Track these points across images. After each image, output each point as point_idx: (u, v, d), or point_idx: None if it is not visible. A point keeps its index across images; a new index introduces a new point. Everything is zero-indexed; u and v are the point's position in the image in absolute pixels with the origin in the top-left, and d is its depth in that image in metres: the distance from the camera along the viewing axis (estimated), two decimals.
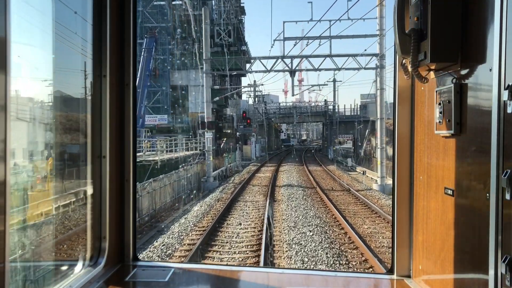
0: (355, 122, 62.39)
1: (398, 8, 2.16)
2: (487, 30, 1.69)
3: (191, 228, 14.47)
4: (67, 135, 3.43)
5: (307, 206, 17.86)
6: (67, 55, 2.99)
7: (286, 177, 30.25)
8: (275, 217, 15.85)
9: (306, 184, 26.46)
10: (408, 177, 2.49)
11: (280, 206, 18.25)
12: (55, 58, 2.94)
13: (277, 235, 13.35)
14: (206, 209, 18.01)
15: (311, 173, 33.06)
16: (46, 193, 6.70)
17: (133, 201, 2.74)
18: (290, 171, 34.75)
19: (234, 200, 19.65)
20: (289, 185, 25.32)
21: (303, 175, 31.59)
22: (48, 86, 4.18)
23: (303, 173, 33.70)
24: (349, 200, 20.30)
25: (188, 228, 14.47)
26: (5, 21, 1.45)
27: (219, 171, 32.95)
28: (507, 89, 1.47)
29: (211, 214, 16.85)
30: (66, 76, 3.10)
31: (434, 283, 2.22)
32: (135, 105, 2.77)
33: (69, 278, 2.36)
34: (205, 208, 18.23)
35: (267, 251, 11.27)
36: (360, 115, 65.53)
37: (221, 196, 21.72)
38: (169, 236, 13.50)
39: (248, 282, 2.72)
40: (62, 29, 2.71)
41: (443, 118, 2.01)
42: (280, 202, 19.29)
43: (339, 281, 2.70)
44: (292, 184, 26.05)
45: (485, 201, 1.63)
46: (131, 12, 2.67)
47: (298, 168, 37.82)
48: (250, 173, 33.60)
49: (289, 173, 32.91)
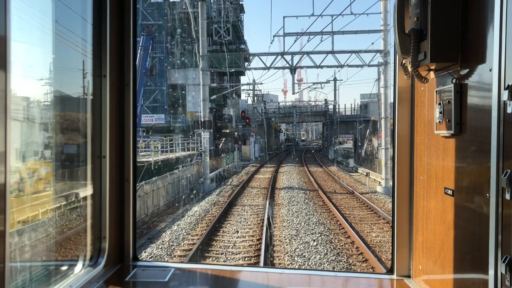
0: (355, 122, 61.51)
1: (398, 8, 2.17)
2: (487, 30, 1.70)
3: (183, 236, 13.20)
4: (67, 135, 3.47)
5: (309, 211, 16.75)
6: (67, 55, 3.04)
7: (286, 178, 29.11)
8: (275, 224, 14.68)
9: (307, 186, 25.31)
10: (408, 177, 2.51)
11: (280, 211, 17.12)
12: (55, 58, 3.00)
13: (277, 244, 12.11)
14: (202, 214, 16.88)
15: (312, 174, 31.93)
16: (46, 193, 6.75)
17: (133, 201, 2.76)
18: (290, 172, 33.62)
19: (231, 204, 18.56)
20: (290, 188, 24.17)
21: (304, 177, 30.44)
22: (48, 86, 4.18)
23: (303, 174, 32.56)
24: (353, 204, 19.16)
25: (180, 236, 13.20)
26: (5, 21, 1.47)
27: (216, 172, 31.72)
28: (507, 89, 1.48)
29: (206, 220, 15.71)
30: (66, 76, 3.15)
31: (434, 283, 2.23)
32: (135, 105, 2.78)
33: (69, 278, 2.38)
34: (200, 212, 17.10)
35: (266, 265, 10.39)
36: (361, 114, 64.63)
37: (218, 199, 20.60)
38: (158, 246, 12.22)
39: (248, 282, 2.72)
40: (62, 29, 2.75)
41: (443, 118, 2.03)
42: (280, 207, 18.18)
43: (339, 281, 2.71)
44: (292, 186, 24.89)
45: (485, 201, 1.65)
46: (131, 12, 2.68)
47: (299, 169, 36.67)
48: (249, 174, 32.46)
49: (289, 175, 31.75)
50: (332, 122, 64.75)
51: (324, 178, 30.15)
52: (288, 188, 23.97)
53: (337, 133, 62.98)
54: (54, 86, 3.73)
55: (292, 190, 23.12)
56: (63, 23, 2.75)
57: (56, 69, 3.24)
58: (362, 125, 55.28)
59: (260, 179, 29.20)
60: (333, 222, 15.13)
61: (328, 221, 15.27)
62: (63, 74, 3.11)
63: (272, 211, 17.17)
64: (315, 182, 26.26)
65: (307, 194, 21.74)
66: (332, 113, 66.13)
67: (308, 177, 29.96)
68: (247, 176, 30.85)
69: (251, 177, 30.33)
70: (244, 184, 26.12)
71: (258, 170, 36.76)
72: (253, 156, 52.25)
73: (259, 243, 12.00)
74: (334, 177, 30.49)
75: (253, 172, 34.39)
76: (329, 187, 24.90)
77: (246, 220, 15.49)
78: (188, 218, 16.32)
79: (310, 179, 28.74)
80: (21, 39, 3.30)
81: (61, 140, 3.79)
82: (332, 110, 66.11)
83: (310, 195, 21.77)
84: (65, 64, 3.08)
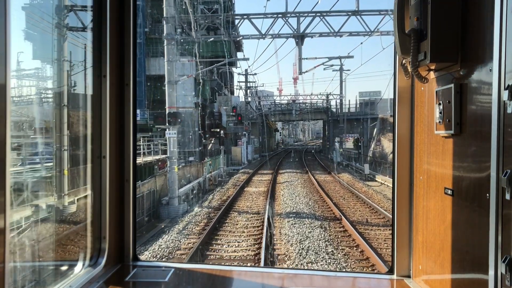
0: (361, 120, 54.17)
1: (398, 8, 2.17)
2: (487, 30, 1.69)
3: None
4: (67, 135, 3.58)
5: (338, 263, 8.57)
6: (67, 55, 3.32)
7: (288, 194, 20.73)
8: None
9: (320, 208, 16.91)
10: (408, 177, 2.50)
11: (285, 264, 9.07)
12: (55, 58, 3.39)
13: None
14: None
15: (322, 186, 23.49)
16: (46, 193, 6.56)
17: (133, 201, 2.75)
18: (292, 184, 25.18)
19: (204, 249, 10.30)
20: (296, 213, 15.73)
21: (312, 191, 21.96)
22: (48, 86, 4.54)
23: (310, 186, 24.11)
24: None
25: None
26: (5, 21, 1.48)
27: (194, 184, 23.30)
28: (507, 89, 1.48)
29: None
30: (65, 76, 3.47)
31: (434, 283, 2.21)
32: (135, 105, 2.77)
33: (69, 278, 2.37)
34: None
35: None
36: (367, 112, 56.97)
37: (181, 238, 12.17)
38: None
39: (248, 282, 2.69)
40: (62, 29, 3.00)
41: (443, 118, 2.02)
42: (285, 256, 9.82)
43: (339, 281, 2.70)
44: (299, 210, 16.50)
45: (485, 201, 1.65)
46: (131, 12, 2.67)
47: (302, 178, 28.29)
48: (237, 186, 24.08)
49: (291, 188, 23.31)
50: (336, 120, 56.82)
51: (340, 194, 21.21)
52: (293, 215, 15.58)
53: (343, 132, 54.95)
54: (53, 86, 3.94)
55: (300, 218, 14.75)
56: (63, 23, 2.97)
57: (56, 69, 3.72)
58: (369, 123, 50.85)
59: (252, 195, 20.81)
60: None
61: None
62: (63, 74, 3.50)
63: (271, 263, 9.36)
64: (333, 204, 17.12)
65: (324, 226, 13.45)
66: (334, 110, 57.97)
67: (318, 192, 21.48)
68: (234, 190, 22.41)
69: (240, 192, 21.94)
70: (229, 204, 17.77)
71: (250, 178, 28.40)
72: (245, 159, 43.79)
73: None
74: (353, 191, 21.93)
75: (244, 181, 25.98)
76: (355, 213, 16.41)
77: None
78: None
79: (321, 195, 20.26)
80: (21, 39, 3.23)
81: (61, 140, 3.95)
82: (334, 107, 57.83)
83: (329, 226, 13.47)
84: (65, 64, 3.55)
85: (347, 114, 59.54)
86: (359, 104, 68.69)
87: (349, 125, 57.51)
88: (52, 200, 6.41)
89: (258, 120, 59.07)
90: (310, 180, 27.07)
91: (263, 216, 14.93)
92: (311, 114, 63.46)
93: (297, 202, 18.16)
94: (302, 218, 14.79)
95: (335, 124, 59.12)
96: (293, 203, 18.00)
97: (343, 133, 52.64)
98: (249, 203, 18.34)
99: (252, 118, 58.55)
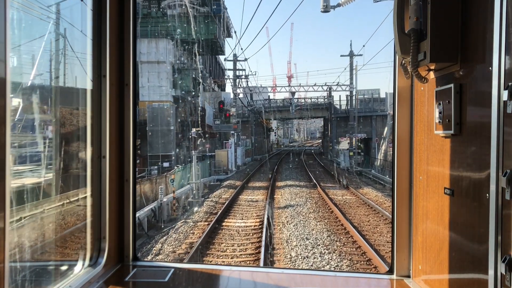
0: (371, 117, 48.32)
1: (398, 8, 2.16)
2: (487, 30, 1.67)
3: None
4: (67, 135, 3.36)
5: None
6: (66, 55, 3.09)
7: (294, 225, 12.15)
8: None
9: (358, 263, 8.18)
10: (408, 177, 2.49)
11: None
12: (55, 58, 3.15)
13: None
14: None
15: (346, 215, 14.59)
16: (46, 193, 6.37)
17: (133, 201, 2.74)
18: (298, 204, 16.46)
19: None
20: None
21: (336, 229, 12.99)
22: (48, 86, 4.27)
23: (329, 216, 15.16)
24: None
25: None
26: (5, 21, 1.45)
27: (142, 215, 14.21)
28: (507, 89, 1.46)
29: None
30: (65, 76, 3.19)
31: (434, 283, 2.19)
32: (135, 105, 2.76)
33: (69, 278, 2.36)
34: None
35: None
36: (361, 109, 48.76)
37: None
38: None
39: (248, 282, 2.67)
40: (62, 29, 2.79)
41: (442, 118, 2.01)
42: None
43: (339, 281, 2.67)
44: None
45: (485, 201, 1.63)
46: (131, 12, 2.68)
47: (311, 197, 19.45)
48: (216, 214, 15.05)
49: (298, 218, 14.32)
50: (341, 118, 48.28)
51: (378, 229, 12.84)
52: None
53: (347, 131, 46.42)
54: (53, 86, 3.81)
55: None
56: (63, 23, 2.85)
57: (56, 69, 3.53)
58: (379, 121, 46.08)
59: (235, 240, 11.91)
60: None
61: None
62: (63, 74, 3.24)
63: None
64: (375, 253, 9.63)
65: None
66: (348, 101, 49.16)
67: (344, 229, 12.72)
68: (207, 226, 13.45)
69: (214, 230, 12.95)
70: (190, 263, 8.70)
71: (236, 198, 19.45)
72: (233, 165, 34.52)
73: None
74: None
75: (227, 205, 17.02)
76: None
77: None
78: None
79: (355, 239, 11.50)
80: (21, 39, 3.26)
81: (61, 140, 3.74)
82: (349, 96, 48.76)
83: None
84: (65, 64, 3.22)
85: (351, 111, 50.69)
86: (361, 101, 60.24)
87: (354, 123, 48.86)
88: (52, 200, 5.93)
89: (250, 118, 50.20)
90: (324, 201, 18.20)
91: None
92: (311, 111, 54.72)
93: (309, 240, 9.17)
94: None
95: (339, 123, 50.46)
96: (307, 247, 9.02)
97: (352, 132, 43.90)
98: (228, 260, 9.36)
99: (244, 115, 49.67)
